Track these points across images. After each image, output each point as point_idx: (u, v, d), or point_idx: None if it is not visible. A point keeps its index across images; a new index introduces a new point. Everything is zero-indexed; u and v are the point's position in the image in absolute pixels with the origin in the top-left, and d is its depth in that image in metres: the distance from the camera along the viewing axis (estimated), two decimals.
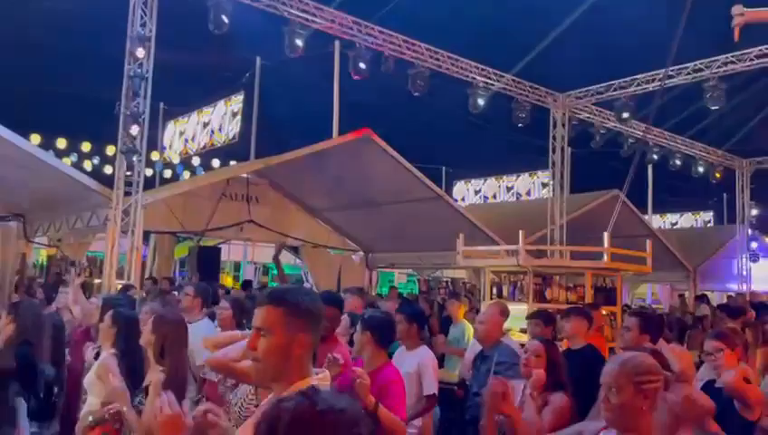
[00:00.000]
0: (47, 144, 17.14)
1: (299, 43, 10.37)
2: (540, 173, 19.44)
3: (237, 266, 21.15)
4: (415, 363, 4.32)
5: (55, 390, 4.66)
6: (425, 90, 11.68)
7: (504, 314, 5.13)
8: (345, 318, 4.46)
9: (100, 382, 4.01)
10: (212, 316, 5.39)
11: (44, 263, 13.63)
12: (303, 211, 13.93)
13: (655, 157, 15.74)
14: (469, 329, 7.34)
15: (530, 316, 5.52)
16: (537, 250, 9.22)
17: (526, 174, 20.51)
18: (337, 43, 11.60)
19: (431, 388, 4.30)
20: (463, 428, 4.73)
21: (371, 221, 13.39)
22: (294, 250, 14.98)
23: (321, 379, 1.91)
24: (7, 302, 4.88)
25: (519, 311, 6.40)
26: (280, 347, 1.82)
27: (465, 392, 5.47)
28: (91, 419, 3.64)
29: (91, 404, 4.06)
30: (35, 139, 16.54)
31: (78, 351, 5.06)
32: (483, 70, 12.64)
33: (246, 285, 12.26)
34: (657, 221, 23.05)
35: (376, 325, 3.75)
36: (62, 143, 19.22)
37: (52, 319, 5.12)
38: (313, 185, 12.75)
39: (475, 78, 12.53)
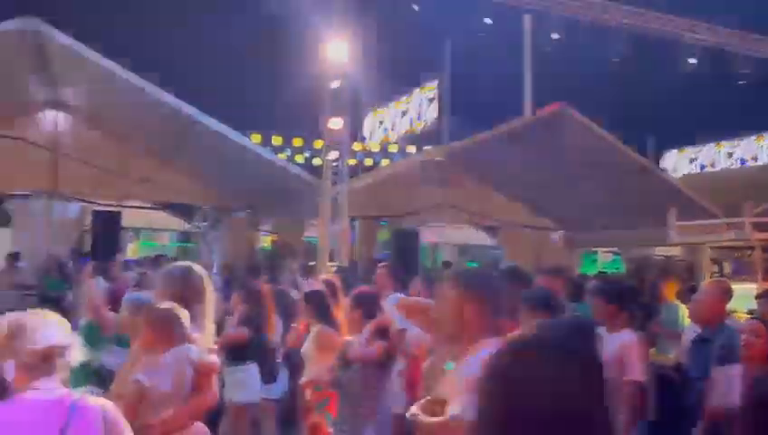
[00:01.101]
0: (265, 142, 19.11)
1: (487, 20, 10.29)
2: None
3: (435, 248, 21.72)
4: (617, 347, 4.11)
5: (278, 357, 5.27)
6: (626, 54, 10.88)
7: (727, 293, 4.66)
8: None
9: (317, 352, 4.48)
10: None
11: (269, 248, 15.24)
12: (499, 192, 13.84)
13: None
14: (683, 310, 6.76)
15: (760, 295, 4.95)
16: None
17: (751, 137, 18.10)
18: (527, 16, 11.29)
19: (634, 373, 4.05)
20: (680, 413, 4.41)
21: (571, 199, 12.86)
22: (491, 231, 14.97)
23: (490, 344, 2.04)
24: (240, 284, 5.61)
25: (744, 290, 5.75)
26: (454, 314, 2.21)
27: (682, 377, 5.08)
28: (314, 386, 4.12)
29: (309, 372, 4.55)
30: (256, 138, 18.51)
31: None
32: (695, 25, 11.41)
33: (445, 265, 12.57)
34: None
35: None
36: (277, 140, 21.29)
37: (282, 298, 5.79)
38: (508, 164, 12.60)
39: (684, 35, 11.36)
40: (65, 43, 8.55)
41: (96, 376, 4.15)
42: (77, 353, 2.13)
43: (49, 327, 2.04)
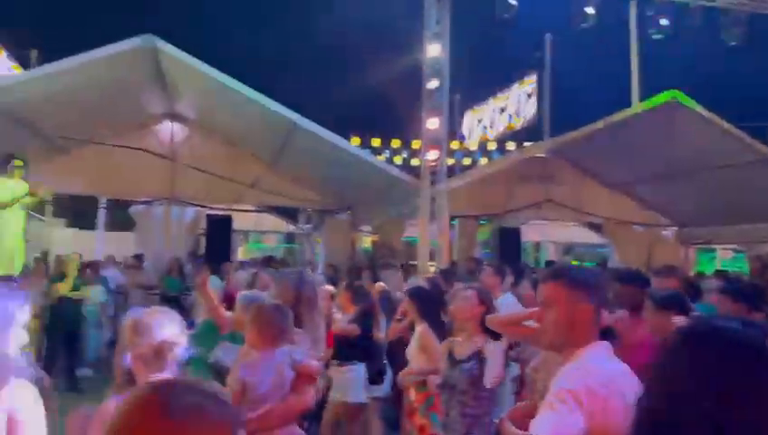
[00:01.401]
0: (365, 144, 19.44)
1: (589, 11, 9.91)
2: None
3: (537, 247, 21.17)
4: None
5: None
6: (742, 38, 10.10)
7: None
8: None
9: (420, 352, 4.48)
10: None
11: (369, 249, 15.49)
12: (604, 186, 13.27)
13: None
14: None
15: None
16: None
17: None
18: (633, 2, 10.76)
19: None
20: None
21: (684, 193, 12.11)
22: (596, 228, 14.39)
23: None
24: (344, 284, 5.73)
25: None
26: (563, 317, 1.99)
27: None
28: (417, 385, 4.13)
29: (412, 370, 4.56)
30: (355, 141, 18.88)
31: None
32: None
33: (548, 264, 12.23)
34: None
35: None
36: (376, 142, 21.59)
37: (386, 298, 5.87)
38: (614, 158, 12.05)
39: None
40: (179, 57, 9.12)
41: (212, 372, 4.41)
42: (188, 349, 2.27)
43: (165, 324, 2.19)
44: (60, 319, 8.19)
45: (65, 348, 8.33)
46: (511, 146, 19.97)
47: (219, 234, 12.82)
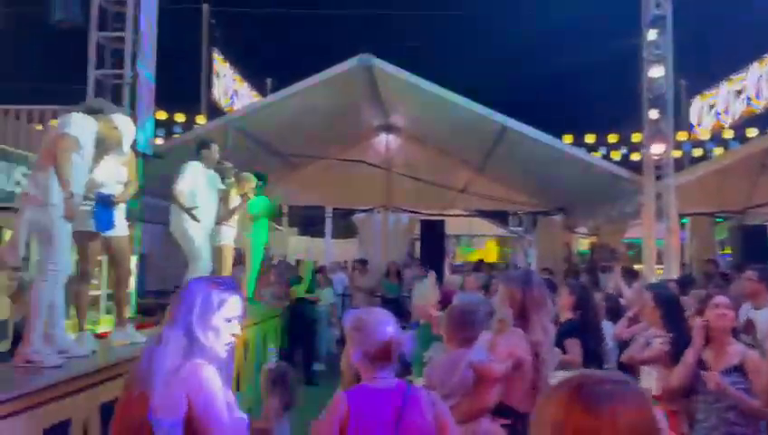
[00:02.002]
0: (577, 142, 18.59)
1: None
2: None
3: None
4: None
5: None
6: None
7: None
8: None
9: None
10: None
11: (587, 251, 14.77)
12: None
13: None
14: None
15: None
16: None
17: None
18: None
19: None
20: None
21: None
22: None
23: None
24: (571, 288, 5.47)
25: None
26: None
27: None
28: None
29: (650, 385, 4.19)
30: (567, 138, 18.16)
31: None
32: None
33: None
34: None
35: None
36: (590, 138, 20.51)
37: (610, 303, 5.54)
38: None
39: None
40: (393, 72, 9.64)
41: None
42: (407, 349, 2.37)
43: (386, 324, 2.31)
44: (297, 318, 9.10)
45: (302, 344, 9.23)
46: (751, 133, 17.58)
47: (432, 238, 13.23)
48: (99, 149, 3.92)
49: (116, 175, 4.26)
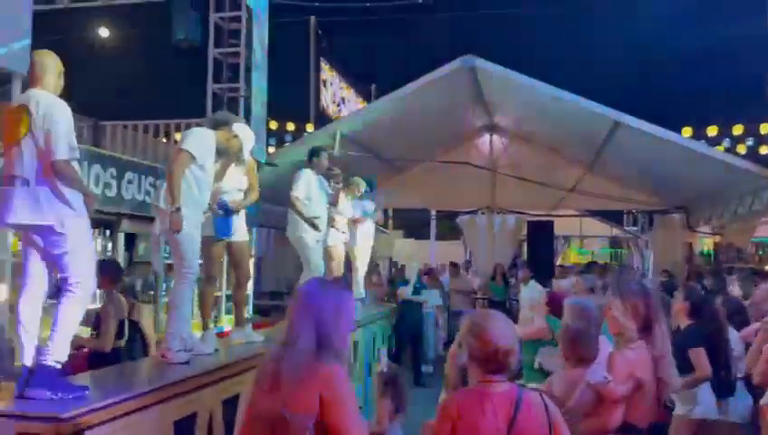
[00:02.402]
0: (698, 135, 17.44)
1: None
2: None
3: None
4: None
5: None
6: None
7: None
8: None
9: None
10: None
11: (711, 251, 13.82)
12: None
13: None
14: None
15: None
16: None
17: None
18: None
19: None
20: None
21: None
22: None
23: None
24: (687, 293, 5.13)
25: None
26: None
27: None
28: None
29: None
30: (686, 131, 17.07)
31: None
32: None
33: None
34: None
35: None
36: (712, 131, 19.17)
37: (734, 309, 5.16)
38: None
39: None
40: (496, 72, 9.51)
41: (539, 375, 4.47)
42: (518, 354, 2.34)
43: (499, 328, 2.29)
44: (405, 320, 9.19)
45: (410, 346, 9.31)
46: None
47: (540, 240, 12.91)
48: (221, 158, 4.18)
49: (237, 183, 4.52)
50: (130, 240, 7.21)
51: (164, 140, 8.68)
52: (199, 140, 3.86)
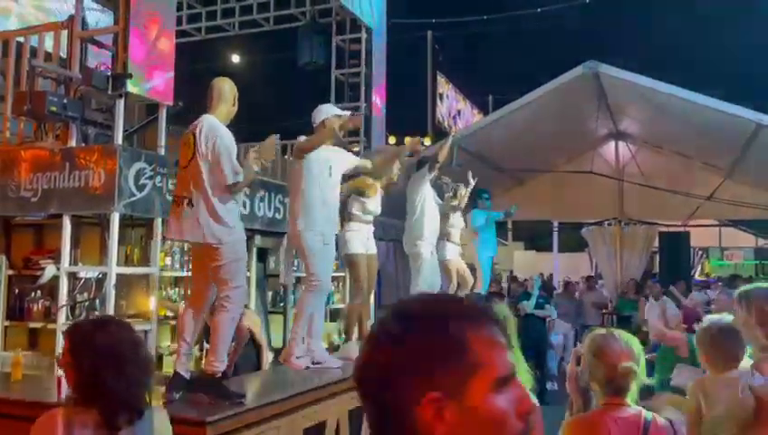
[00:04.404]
0: None
1: None
2: None
3: None
4: None
5: None
6: None
7: None
8: None
9: None
10: None
11: None
12: None
13: None
14: None
15: None
16: None
17: None
18: None
19: None
20: None
21: None
22: None
23: None
24: None
25: None
26: None
27: None
28: None
29: None
30: None
31: None
32: None
33: None
34: None
35: None
36: None
37: None
38: None
39: None
40: (622, 77, 9.10)
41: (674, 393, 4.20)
42: (640, 373, 2.23)
43: (622, 349, 2.21)
44: (527, 335, 8.98)
45: (534, 362, 9.07)
46: None
47: (675, 251, 12.13)
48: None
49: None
50: (263, 255, 7.65)
51: (291, 159, 9.13)
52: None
